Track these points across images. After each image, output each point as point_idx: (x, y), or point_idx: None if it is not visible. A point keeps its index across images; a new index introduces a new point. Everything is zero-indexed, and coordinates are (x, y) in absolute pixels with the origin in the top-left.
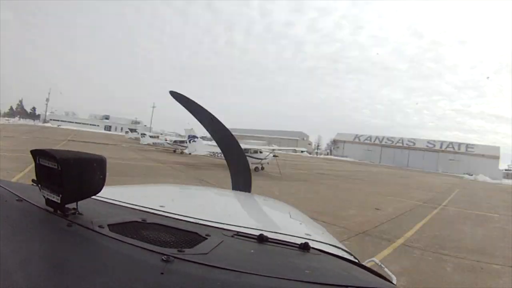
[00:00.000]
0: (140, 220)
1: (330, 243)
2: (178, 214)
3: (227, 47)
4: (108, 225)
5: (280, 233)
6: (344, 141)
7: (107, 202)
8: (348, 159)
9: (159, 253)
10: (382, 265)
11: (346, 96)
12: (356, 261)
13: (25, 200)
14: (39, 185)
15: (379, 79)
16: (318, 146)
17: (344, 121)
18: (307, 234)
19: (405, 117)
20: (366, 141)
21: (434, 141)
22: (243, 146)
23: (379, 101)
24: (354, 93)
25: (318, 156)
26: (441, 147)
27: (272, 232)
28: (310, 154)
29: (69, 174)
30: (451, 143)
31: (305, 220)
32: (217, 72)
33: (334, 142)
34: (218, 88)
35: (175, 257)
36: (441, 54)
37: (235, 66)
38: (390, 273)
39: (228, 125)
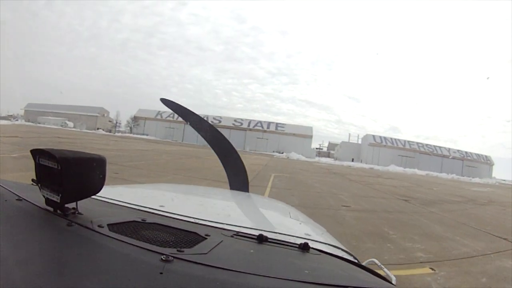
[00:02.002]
0: (139, 220)
1: (330, 243)
2: (178, 214)
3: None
4: (108, 225)
5: (280, 233)
6: (145, 118)
7: (106, 202)
8: (148, 137)
9: (158, 253)
10: (381, 266)
11: (156, 73)
12: (356, 261)
13: (24, 199)
14: (39, 185)
15: (192, 58)
16: (117, 123)
17: (152, 98)
18: (307, 234)
19: (214, 97)
20: (168, 118)
21: (242, 119)
22: None
23: (189, 80)
24: (164, 70)
25: (115, 134)
26: (249, 125)
27: (271, 232)
28: (110, 132)
29: (69, 173)
30: (260, 121)
31: (305, 220)
32: (27, 39)
33: (135, 118)
34: (24, 57)
35: (174, 257)
36: (260, 41)
37: (48, 33)
38: (389, 274)
39: (26, 100)
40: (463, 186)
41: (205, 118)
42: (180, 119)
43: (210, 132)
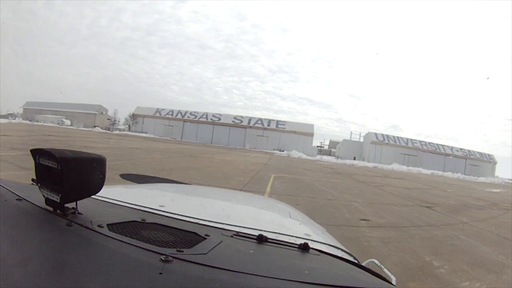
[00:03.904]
0: (139, 220)
1: (329, 243)
2: (178, 214)
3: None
4: (108, 225)
5: (280, 233)
6: (144, 116)
7: (106, 201)
8: (147, 135)
9: (158, 253)
10: (381, 266)
11: (157, 71)
12: (356, 261)
13: (24, 199)
14: (39, 185)
15: (192, 56)
16: (115, 120)
17: (153, 97)
18: (307, 235)
19: (215, 95)
20: (167, 116)
21: (242, 116)
22: None
23: (189, 78)
24: (164, 68)
25: (113, 132)
26: (249, 123)
27: (271, 232)
28: (109, 130)
29: (68, 173)
30: (260, 119)
31: (304, 221)
32: (27, 38)
33: (133, 116)
34: (24, 57)
35: (174, 257)
36: (260, 38)
37: (48, 32)
38: (389, 274)
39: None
40: (473, 186)
41: (204, 116)
42: (179, 116)
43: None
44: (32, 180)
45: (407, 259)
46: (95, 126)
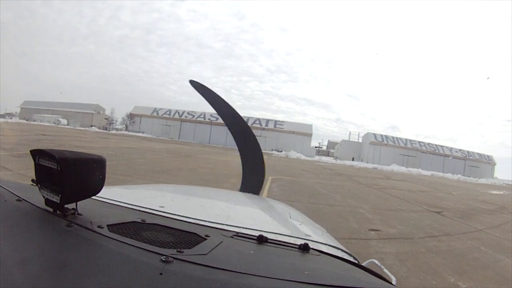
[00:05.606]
0: (139, 220)
1: (330, 244)
2: (178, 215)
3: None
4: (108, 226)
5: (280, 234)
6: (141, 115)
7: (106, 202)
8: (144, 135)
9: (158, 253)
10: (381, 266)
11: (155, 70)
12: (356, 262)
13: (24, 200)
14: (39, 185)
15: (191, 55)
16: (112, 120)
17: (152, 96)
18: (307, 235)
19: None
20: (165, 115)
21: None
22: None
23: (188, 77)
24: (163, 67)
25: (110, 131)
26: (247, 122)
27: (271, 232)
28: (106, 129)
29: (68, 174)
30: (258, 119)
31: (305, 221)
32: (26, 37)
33: (131, 116)
34: (23, 56)
35: (174, 258)
36: (259, 38)
37: (47, 31)
38: (389, 274)
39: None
40: (477, 188)
41: (202, 116)
42: (176, 116)
43: (236, 123)
44: (32, 180)
45: (430, 282)
46: (92, 126)
